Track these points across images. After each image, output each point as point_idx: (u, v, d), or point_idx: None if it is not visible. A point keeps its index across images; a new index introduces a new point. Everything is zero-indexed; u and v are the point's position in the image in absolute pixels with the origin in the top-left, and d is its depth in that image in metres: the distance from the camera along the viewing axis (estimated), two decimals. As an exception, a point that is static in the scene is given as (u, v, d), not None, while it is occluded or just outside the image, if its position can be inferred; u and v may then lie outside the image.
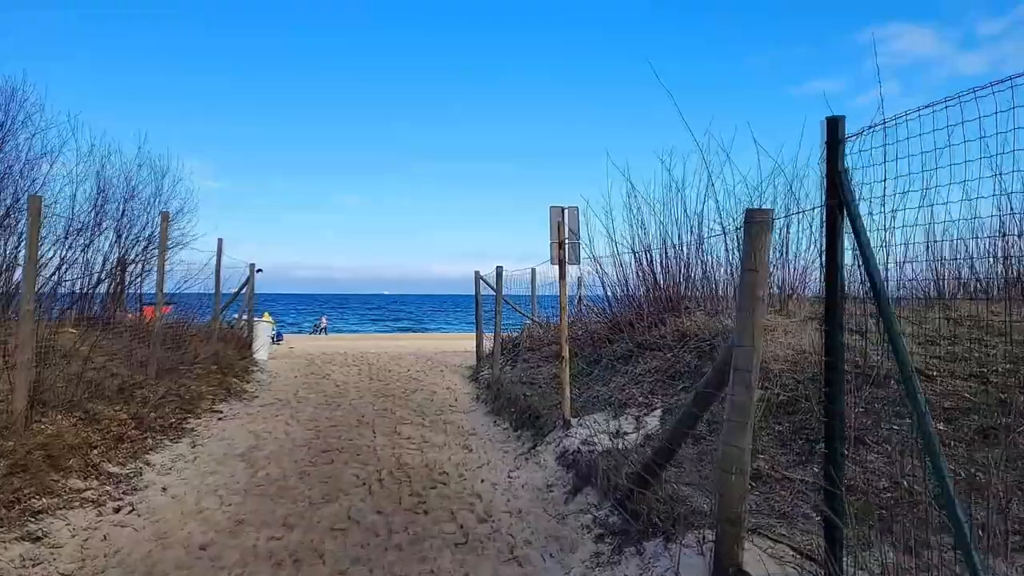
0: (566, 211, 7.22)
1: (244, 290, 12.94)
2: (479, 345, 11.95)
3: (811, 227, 6.83)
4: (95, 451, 5.42)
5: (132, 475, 5.26)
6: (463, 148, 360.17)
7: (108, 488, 4.89)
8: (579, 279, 10.70)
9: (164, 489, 5.05)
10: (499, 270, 10.27)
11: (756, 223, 2.61)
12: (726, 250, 6.45)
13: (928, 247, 4.04)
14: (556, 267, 6.80)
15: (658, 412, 5.22)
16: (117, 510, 4.54)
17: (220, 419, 7.63)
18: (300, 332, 34.65)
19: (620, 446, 4.63)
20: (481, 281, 11.91)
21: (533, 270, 13.18)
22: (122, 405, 6.54)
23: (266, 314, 25.13)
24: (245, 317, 13.05)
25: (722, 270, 7.04)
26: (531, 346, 10.63)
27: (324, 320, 39.64)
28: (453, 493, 5.01)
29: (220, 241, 11.37)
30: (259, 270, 13.34)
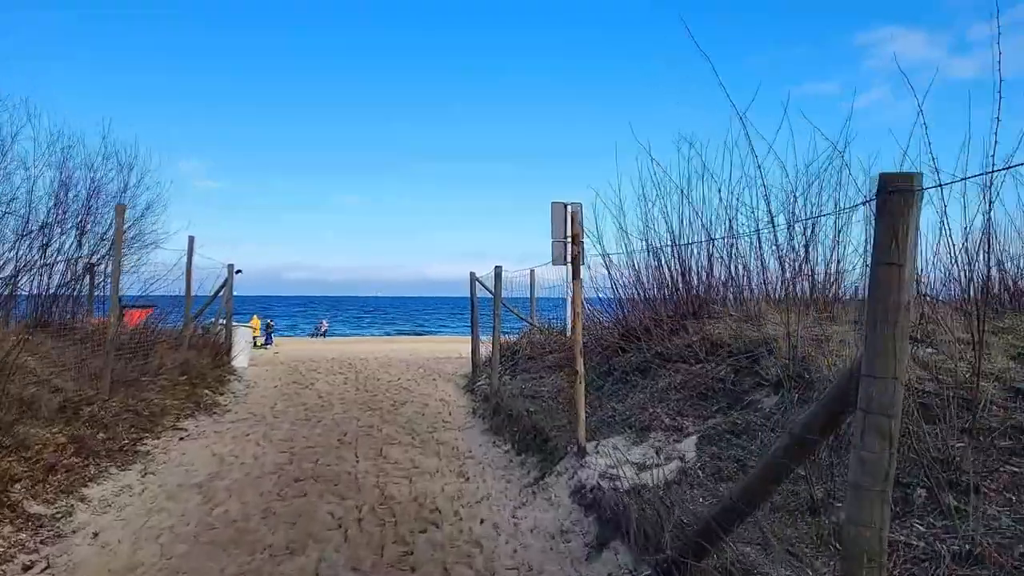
0: (569, 207, 6.45)
1: (222, 292, 12.00)
2: (475, 351, 11.07)
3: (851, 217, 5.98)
4: (17, 485, 4.52)
5: (60, 515, 4.36)
6: (463, 148, 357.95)
7: (24, 536, 3.99)
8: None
9: (95, 535, 4.15)
10: (498, 270, 9.40)
11: (900, 193, 1.75)
12: (769, 243, 5.59)
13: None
14: (556, 268, 6.08)
15: (693, 439, 4.36)
16: (27, 567, 3.64)
17: (183, 438, 6.73)
18: (296, 336, 34.03)
19: (653, 483, 3.76)
20: (477, 283, 11.03)
21: (532, 271, 12.31)
22: (62, 426, 5.63)
23: (254, 317, 24.24)
24: (222, 321, 12.11)
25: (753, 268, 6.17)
26: (532, 354, 9.76)
27: (325, 324, 39.26)
28: (447, 539, 4.13)
29: (191, 239, 10.46)
30: (238, 271, 12.40)
